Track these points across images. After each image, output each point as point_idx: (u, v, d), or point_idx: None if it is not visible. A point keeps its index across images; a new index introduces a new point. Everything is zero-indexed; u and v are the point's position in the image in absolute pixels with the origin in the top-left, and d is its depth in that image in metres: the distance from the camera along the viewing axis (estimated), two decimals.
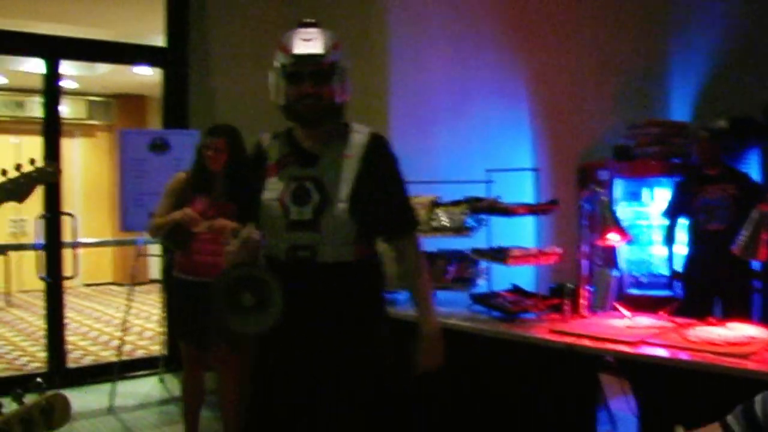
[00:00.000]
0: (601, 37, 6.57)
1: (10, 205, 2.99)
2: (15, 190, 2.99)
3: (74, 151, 13.48)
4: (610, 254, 6.43)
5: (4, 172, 3.00)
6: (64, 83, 12.15)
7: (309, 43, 2.73)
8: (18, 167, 3.00)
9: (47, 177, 3.06)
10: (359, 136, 2.82)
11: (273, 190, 2.80)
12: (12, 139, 12.30)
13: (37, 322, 9.17)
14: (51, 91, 6.74)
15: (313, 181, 2.75)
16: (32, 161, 3.01)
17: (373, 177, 2.77)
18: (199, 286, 4.44)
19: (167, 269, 5.43)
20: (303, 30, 2.78)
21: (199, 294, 4.35)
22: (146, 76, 10.52)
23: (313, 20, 2.82)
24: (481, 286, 4.85)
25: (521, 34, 6.23)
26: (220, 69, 6.87)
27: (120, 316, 6.39)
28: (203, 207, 4.56)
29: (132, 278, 7.15)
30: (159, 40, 7.29)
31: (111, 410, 5.94)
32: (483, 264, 4.85)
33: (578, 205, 4.84)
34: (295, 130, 2.86)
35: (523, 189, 5.51)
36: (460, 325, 4.13)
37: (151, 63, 7.69)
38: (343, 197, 2.72)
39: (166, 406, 6.05)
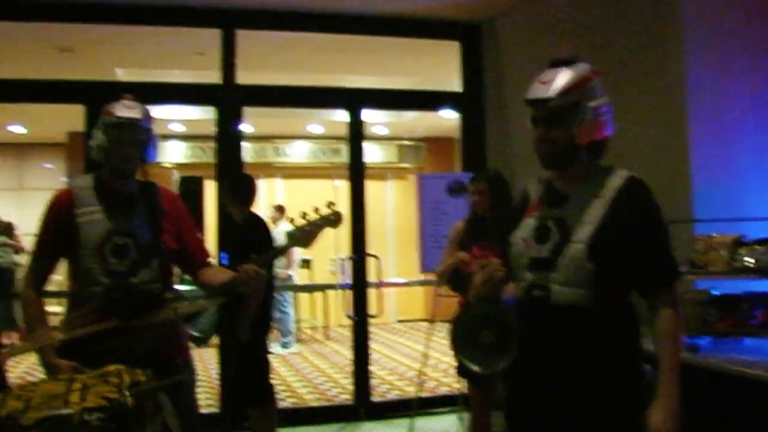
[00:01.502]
0: None
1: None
2: (301, 236, 3.24)
3: (386, 194, 14.21)
4: None
5: (304, 216, 3.27)
6: (375, 129, 12.93)
7: (543, 86, 2.65)
8: (304, 215, 3.24)
9: (330, 223, 3.28)
10: (615, 179, 2.69)
11: (522, 229, 2.80)
12: (335, 183, 13.16)
13: (350, 355, 9.69)
14: (355, 138, 7.19)
15: (556, 220, 2.70)
16: (316, 209, 3.25)
17: (624, 222, 2.62)
18: None
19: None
20: (546, 71, 2.71)
21: None
22: (452, 119, 10.86)
23: (563, 58, 2.72)
24: None
25: None
26: (515, 111, 6.94)
27: (425, 352, 6.61)
28: (480, 252, 4.65)
29: (432, 316, 7.37)
30: (457, 85, 7.54)
31: None
32: None
33: None
34: (554, 171, 2.84)
35: None
36: (765, 376, 3.83)
37: (449, 107, 7.94)
38: (582, 238, 2.61)
39: None
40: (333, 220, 3.23)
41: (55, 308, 9.23)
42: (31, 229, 11.41)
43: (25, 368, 9.87)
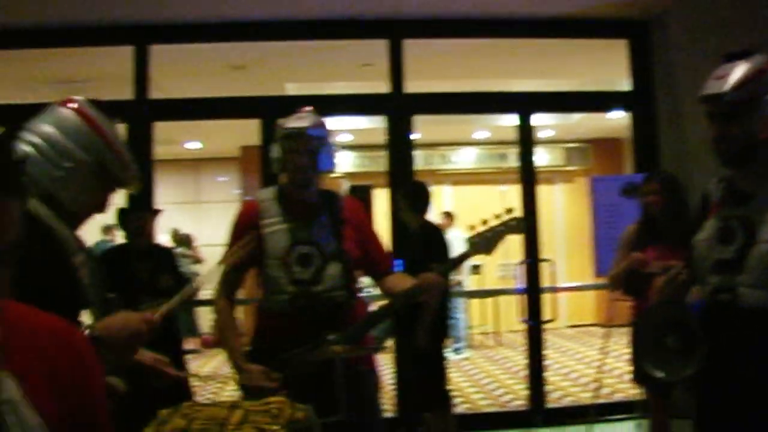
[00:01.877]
0: None
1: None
2: (483, 243, 3.24)
3: (554, 197, 14.01)
4: None
5: (485, 222, 3.28)
6: (541, 132, 12.80)
7: (718, 81, 2.58)
8: (484, 222, 3.25)
9: (512, 230, 3.27)
10: None
11: (705, 231, 2.71)
12: (501, 188, 13.11)
13: (522, 361, 9.61)
14: (525, 142, 7.14)
15: (740, 220, 2.60)
16: (496, 216, 3.25)
17: None
18: None
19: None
20: (720, 66, 2.63)
21: None
22: (620, 119, 10.60)
23: (738, 51, 2.63)
24: None
25: None
26: (690, 109, 6.70)
27: (601, 358, 6.47)
28: (655, 254, 4.54)
29: (608, 321, 7.21)
30: (626, 85, 7.36)
31: None
32: None
33: None
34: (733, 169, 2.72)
35: None
36: None
37: (618, 108, 7.77)
38: None
39: None
40: (514, 226, 3.22)
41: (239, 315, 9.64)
42: (207, 240, 11.96)
43: (211, 369, 10.30)
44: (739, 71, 2.57)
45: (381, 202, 7.66)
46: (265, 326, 3.39)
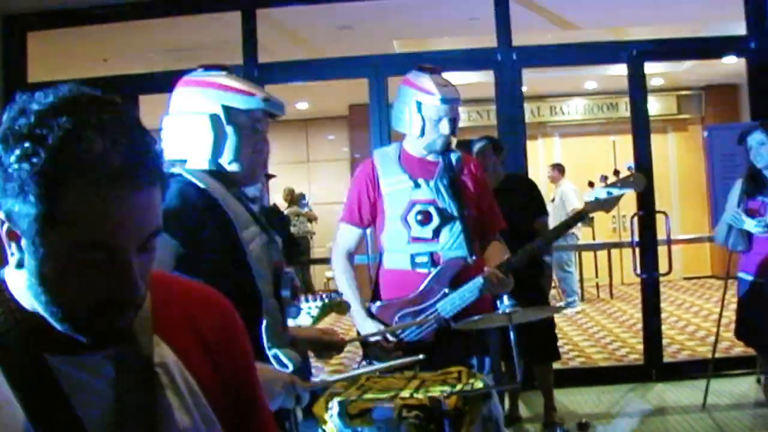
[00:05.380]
0: None
1: None
2: (602, 202, 3.23)
3: (667, 147, 13.65)
4: None
5: (604, 179, 3.26)
6: (650, 81, 12.45)
7: None
8: (603, 178, 3.23)
9: (632, 186, 3.25)
10: None
11: None
12: (612, 138, 12.84)
13: (637, 314, 9.45)
14: (636, 92, 6.98)
15: None
16: (615, 172, 3.23)
17: None
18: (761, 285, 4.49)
19: None
20: None
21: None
22: (735, 64, 10.18)
23: None
24: None
25: None
26: None
27: (718, 311, 6.31)
28: (757, 206, 4.49)
29: (727, 274, 7.00)
30: (741, 28, 7.07)
31: (704, 408, 5.83)
32: None
33: None
34: None
35: None
36: None
37: (732, 53, 7.48)
38: None
39: (762, 409, 5.72)
40: (634, 183, 3.20)
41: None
42: (316, 199, 12.25)
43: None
44: None
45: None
46: (385, 284, 3.45)
